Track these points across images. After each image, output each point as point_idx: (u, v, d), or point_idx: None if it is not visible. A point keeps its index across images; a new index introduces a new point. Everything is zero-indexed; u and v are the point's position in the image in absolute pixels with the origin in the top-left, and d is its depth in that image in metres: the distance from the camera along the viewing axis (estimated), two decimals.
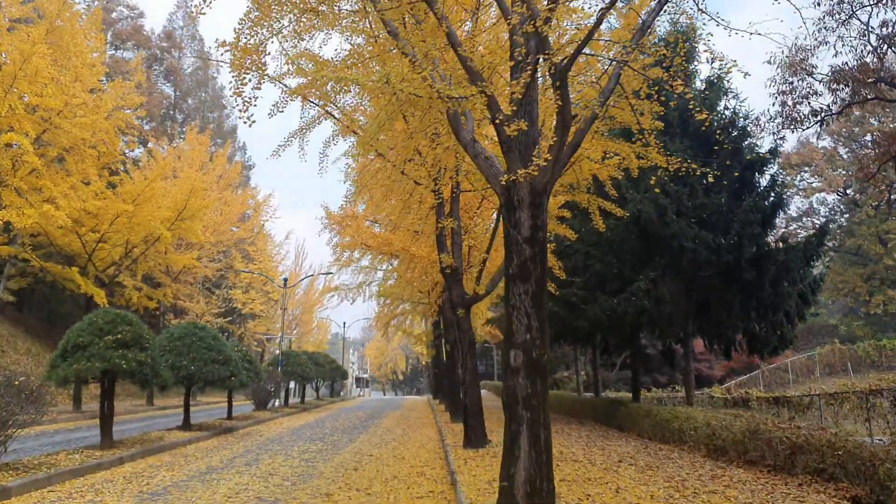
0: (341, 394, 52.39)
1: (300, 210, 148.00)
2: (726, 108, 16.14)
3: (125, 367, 10.25)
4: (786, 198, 16.11)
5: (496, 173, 6.12)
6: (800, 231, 42.62)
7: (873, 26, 13.21)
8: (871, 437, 11.10)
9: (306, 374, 26.73)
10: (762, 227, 14.87)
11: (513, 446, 5.60)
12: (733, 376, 32.28)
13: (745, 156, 14.99)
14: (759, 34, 5.84)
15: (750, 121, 15.86)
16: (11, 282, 23.58)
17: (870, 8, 12.83)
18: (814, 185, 45.11)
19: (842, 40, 13.40)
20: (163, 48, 46.49)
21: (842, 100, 13.96)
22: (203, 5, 5.81)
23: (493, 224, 14.84)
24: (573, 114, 5.88)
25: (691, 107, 6.42)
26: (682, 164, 7.16)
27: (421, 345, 42.55)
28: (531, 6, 5.18)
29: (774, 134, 15.21)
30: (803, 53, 14.10)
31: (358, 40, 8.04)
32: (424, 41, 6.31)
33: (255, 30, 6.02)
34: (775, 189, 15.62)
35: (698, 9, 6.21)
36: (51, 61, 16.49)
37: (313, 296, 47.44)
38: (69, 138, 17.40)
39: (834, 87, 13.77)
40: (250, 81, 5.87)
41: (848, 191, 43.93)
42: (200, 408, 24.60)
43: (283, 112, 6.77)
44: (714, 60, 5.96)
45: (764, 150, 15.43)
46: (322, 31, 7.00)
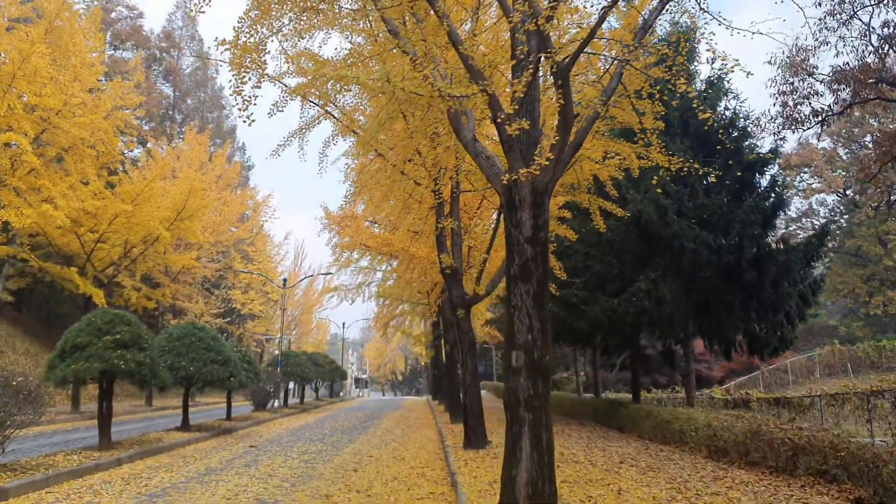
0: (340, 394, 52.32)
1: (299, 211, 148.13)
2: (726, 108, 16.11)
3: (124, 368, 10.20)
4: (786, 198, 16.08)
5: (497, 173, 6.08)
6: (799, 232, 42.61)
7: (874, 26, 13.23)
8: (873, 438, 11.06)
9: (305, 374, 26.68)
10: (763, 228, 14.83)
11: (514, 448, 5.56)
12: (733, 377, 32.23)
13: (746, 156, 14.96)
14: (760, 34, 5.81)
15: (750, 121, 15.83)
16: (10, 282, 23.52)
17: (871, 8, 12.81)
18: (813, 186, 45.10)
19: (843, 40, 13.39)
20: (162, 48, 46.45)
21: (843, 100, 13.94)
22: (202, 3, 5.77)
23: (493, 224, 14.80)
24: (575, 113, 5.85)
25: (695, 105, 6.37)
26: (685, 164, 7.12)
27: (420, 345, 42.52)
28: (533, 4, 5.14)
29: (775, 134, 15.20)
30: (804, 54, 14.08)
31: (358, 39, 8.02)
32: (425, 40, 6.27)
33: (254, 28, 5.98)
34: (776, 189, 15.59)
35: (700, 8, 6.17)
36: (50, 61, 16.45)
37: (312, 296, 47.45)
38: (68, 138, 17.36)
39: (835, 87, 13.75)
40: (250, 80, 5.83)
41: (847, 192, 43.92)
42: (199, 408, 24.54)
43: (282, 111, 6.73)
44: (715, 60, 5.92)
45: (764, 151, 15.41)
46: (322, 31, 6.97)
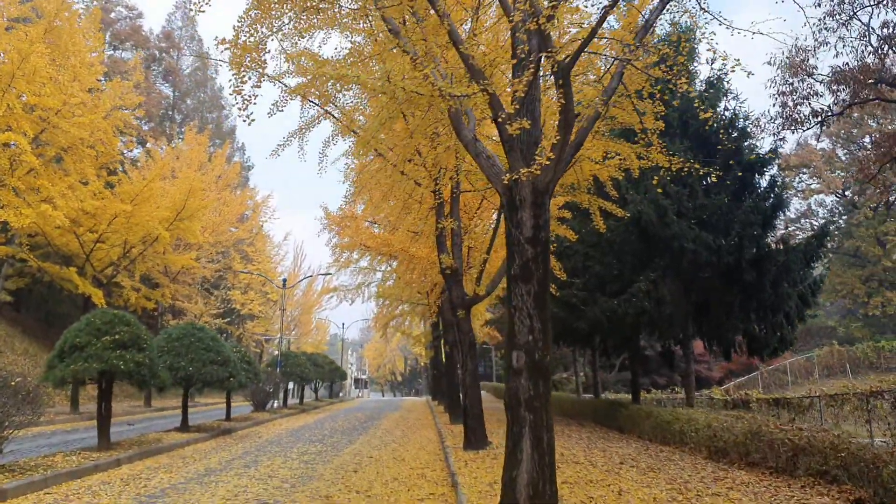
0: (340, 395, 52.28)
1: (298, 211, 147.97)
2: (726, 108, 16.09)
3: (123, 368, 10.17)
4: (786, 198, 16.08)
5: (498, 173, 6.07)
6: (798, 233, 42.63)
7: (874, 27, 13.24)
8: (872, 438, 11.06)
9: (305, 375, 26.66)
10: (762, 228, 14.82)
11: (515, 448, 5.55)
12: (732, 378, 32.23)
13: (746, 157, 14.95)
14: (761, 33, 5.80)
15: (750, 122, 15.84)
16: (9, 282, 23.49)
17: (870, 9, 12.82)
18: (812, 186, 45.15)
19: (842, 41, 13.42)
20: (161, 48, 46.41)
21: (842, 101, 13.96)
22: (202, 3, 5.75)
23: (493, 225, 14.79)
24: (575, 113, 5.84)
25: (696, 105, 6.37)
26: (685, 165, 7.11)
27: (419, 346, 42.51)
28: (534, 3, 5.13)
29: (775, 135, 15.23)
30: (804, 54, 14.10)
31: (358, 39, 8.00)
32: (426, 40, 6.26)
33: (254, 27, 5.97)
34: (775, 190, 15.58)
35: (700, 7, 6.16)
36: (49, 61, 16.42)
37: (312, 297, 47.42)
38: (67, 138, 17.33)
39: (834, 87, 13.78)
40: (250, 79, 5.82)
41: (846, 192, 43.98)
42: (199, 409, 24.51)
43: (282, 111, 6.74)
44: (716, 60, 5.94)
45: (764, 152, 15.40)
46: (322, 31, 6.95)
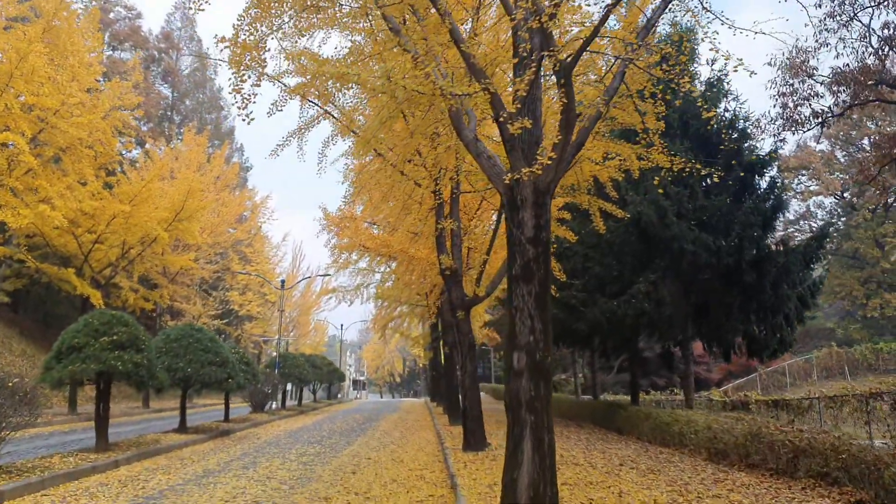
0: (338, 396, 52.20)
1: (298, 212, 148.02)
2: (726, 109, 16.08)
3: (121, 369, 10.13)
4: (786, 199, 16.07)
5: (499, 172, 6.04)
6: (797, 234, 42.66)
7: (874, 28, 13.24)
8: (872, 440, 11.03)
9: (303, 376, 26.60)
10: (762, 230, 14.81)
11: (516, 450, 5.51)
12: (731, 379, 32.23)
13: (746, 158, 14.94)
14: (763, 33, 5.79)
15: (750, 123, 15.82)
16: (7, 283, 23.43)
17: (871, 10, 12.82)
18: (811, 188, 45.19)
19: (843, 42, 13.43)
20: (161, 49, 46.37)
21: (842, 102, 13.95)
22: (201, 1, 5.73)
23: (492, 225, 14.76)
24: (577, 112, 5.81)
25: (699, 104, 6.35)
26: (686, 165, 7.09)
27: (418, 347, 42.45)
28: (535, 2, 5.10)
29: (775, 136, 15.23)
30: (804, 55, 14.09)
31: (358, 38, 7.97)
32: (426, 38, 6.23)
33: (254, 26, 5.93)
34: (775, 191, 15.57)
35: (702, 7, 6.14)
36: (47, 60, 16.36)
37: (311, 298, 47.36)
38: (66, 138, 17.27)
39: (835, 88, 13.77)
40: (249, 78, 5.78)
41: (845, 194, 44.01)
42: (197, 410, 24.44)
43: (281, 111, 6.72)
44: (717, 60, 5.95)
45: (764, 153, 15.38)
46: (322, 30, 6.92)
